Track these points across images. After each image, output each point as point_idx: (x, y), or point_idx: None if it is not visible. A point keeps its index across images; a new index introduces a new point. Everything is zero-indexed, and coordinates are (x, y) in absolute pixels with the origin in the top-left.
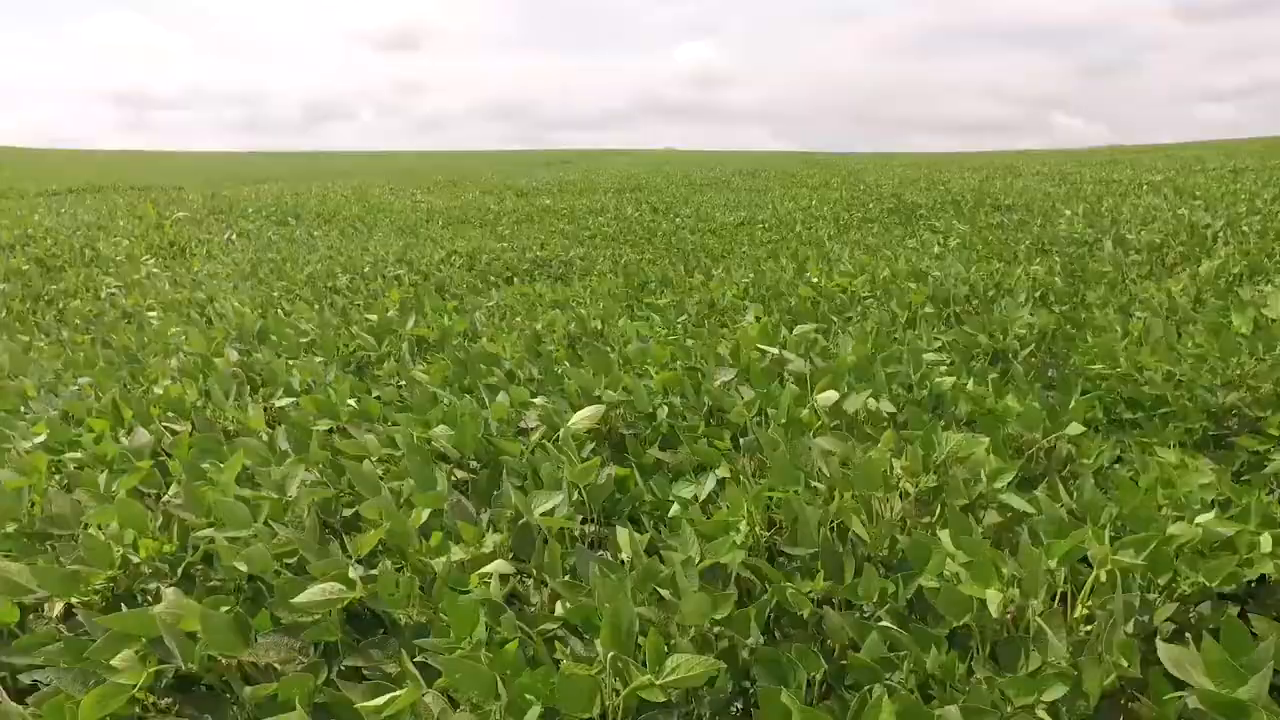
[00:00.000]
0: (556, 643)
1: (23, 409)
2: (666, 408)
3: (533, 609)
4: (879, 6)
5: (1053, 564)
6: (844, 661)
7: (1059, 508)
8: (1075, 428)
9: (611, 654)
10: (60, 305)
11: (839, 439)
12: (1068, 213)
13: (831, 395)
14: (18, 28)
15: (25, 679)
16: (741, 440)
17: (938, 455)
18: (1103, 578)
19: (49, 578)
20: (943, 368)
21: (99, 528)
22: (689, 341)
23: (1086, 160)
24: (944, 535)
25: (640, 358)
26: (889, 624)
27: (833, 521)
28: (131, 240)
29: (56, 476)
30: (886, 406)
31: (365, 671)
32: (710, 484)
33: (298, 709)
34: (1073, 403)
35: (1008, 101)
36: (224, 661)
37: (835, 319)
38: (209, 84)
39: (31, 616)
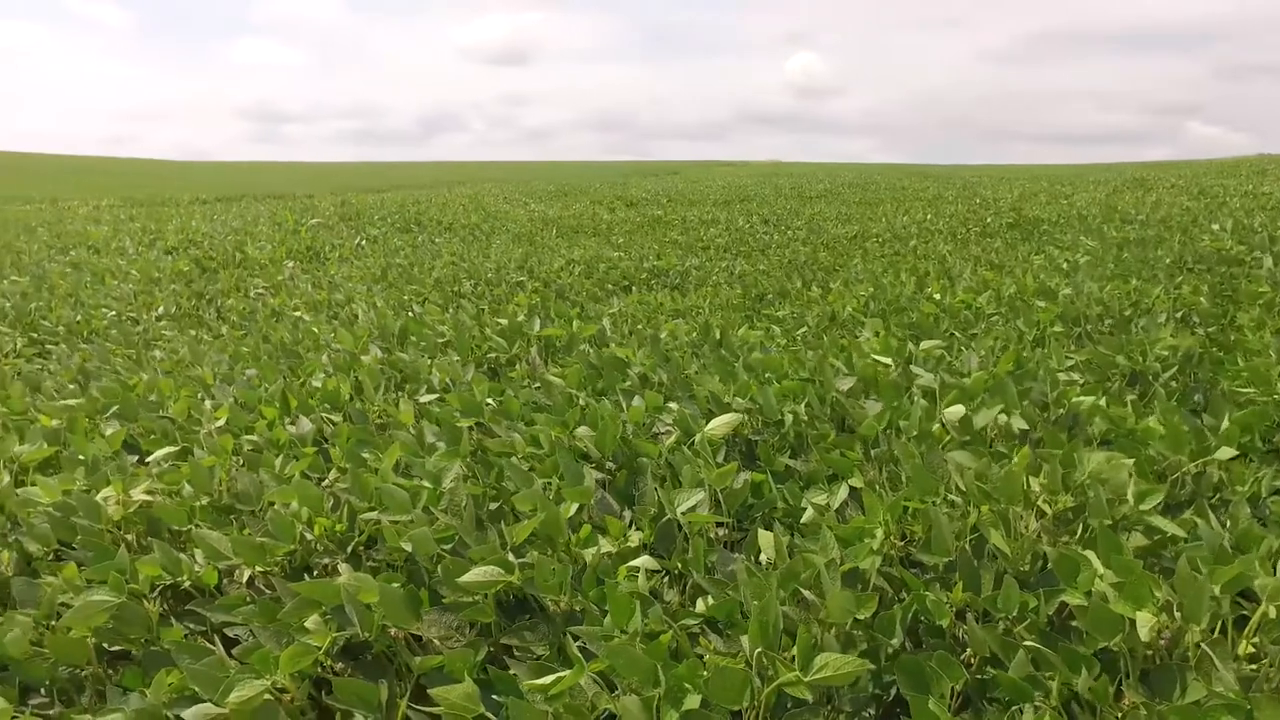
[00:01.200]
0: (700, 638)
1: (200, 395)
2: (791, 415)
3: (669, 604)
4: (983, 14)
5: (1215, 590)
6: (982, 674)
7: (1222, 534)
8: (1226, 452)
9: (758, 650)
10: (218, 303)
11: (974, 454)
12: (1215, 227)
13: (959, 410)
14: (174, 55)
15: (228, 633)
16: (872, 451)
17: (1078, 474)
18: (1272, 613)
19: (243, 547)
20: (1077, 387)
21: (282, 505)
22: (809, 353)
23: (1230, 171)
24: (1089, 554)
25: (763, 366)
26: (1032, 640)
27: (969, 535)
28: (273, 245)
29: (235, 458)
30: (1019, 423)
31: (516, 652)
32: (843, 493)
33: (466, 680)
34: (1224, 426)
35: (1131, 109)
36: (393, 632)
37: (959, 335)
38: (330, 99)
39: (226, 581)
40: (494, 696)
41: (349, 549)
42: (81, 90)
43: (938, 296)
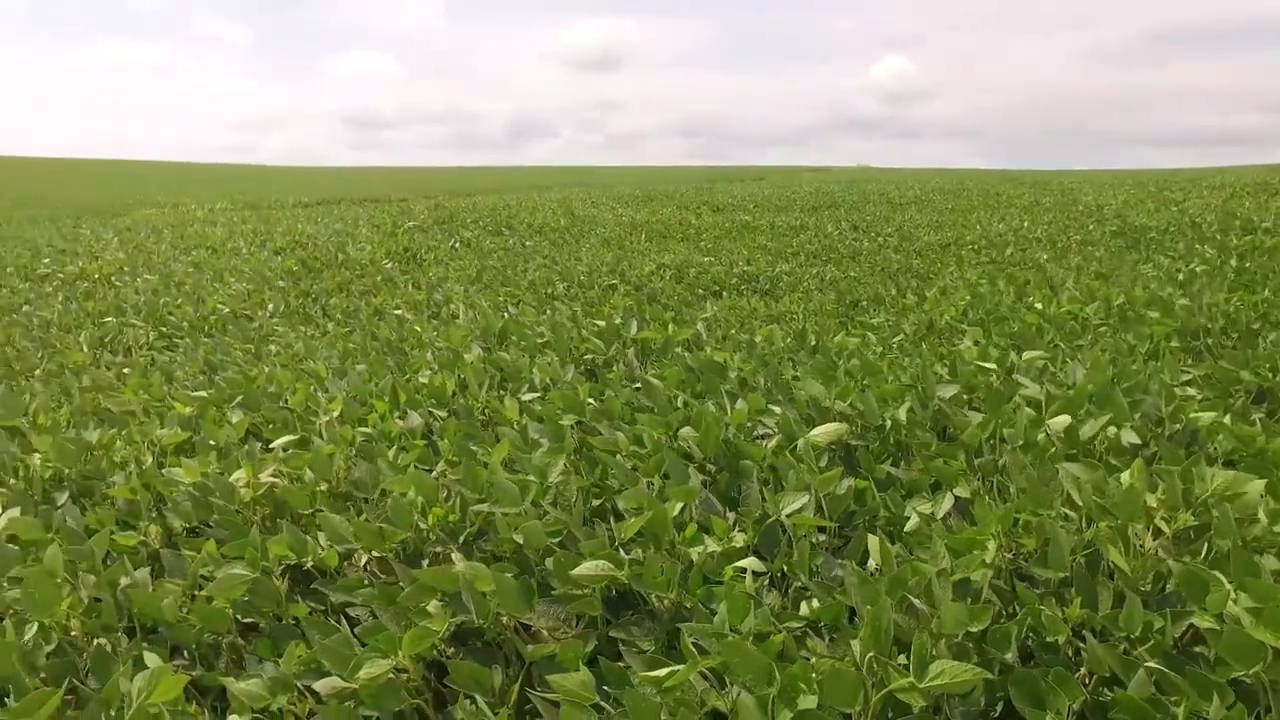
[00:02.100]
0: (806, 641)
1: (314, 388)
2: (890, 421)
3: (771, 606)
4: (1093, 11)
5: None
6: (1098, 694)
7: None
8: None
9: (870, 654)
10: (324, 302)
11: (1089, 466)
12: None
13: (1065, 420)
14: (285, 68)
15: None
16: (976, 460)
17: (1201, 492)
18: None
19: (364, 532)
20: (1195, 402)
21: (399, 495)
22: (906, 360)
23: None
24: (1218, 575)
25: (860, 373)
26: (1155, 662)
27: (1084, 550)
28: (373, 246)
29: (350, 448)
30: (1130, 437)
31: (621, 646)
32: (948, 502)
33: (581, 669)
34: None
35: (1251, 109)
36: (505, 621)
37: (1063, 346)
38: (425, 106)
39: (345, 563)
40: (604, 688)
41: (460, 539)
42: (203, 102)
43: (1039, 306)
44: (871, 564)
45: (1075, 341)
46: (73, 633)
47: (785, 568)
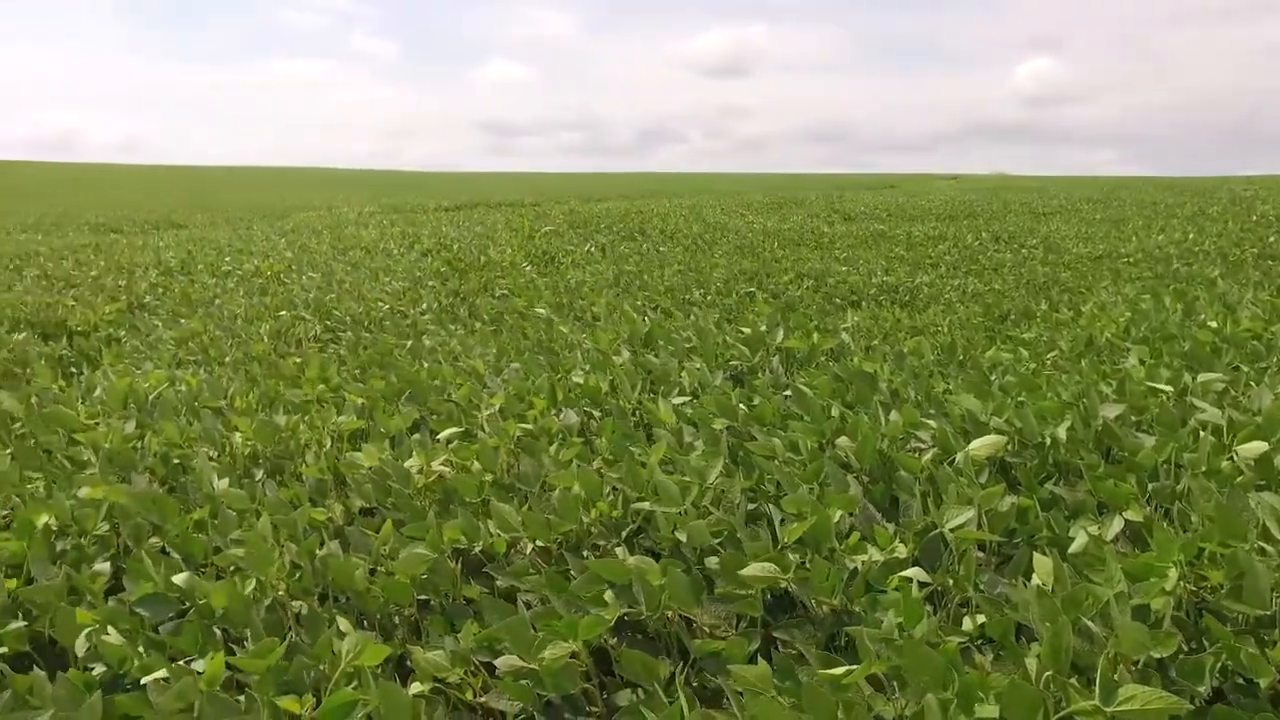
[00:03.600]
0: (974, 654)
1: (473, 384)
2: (1050, 439)
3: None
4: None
5: None
6: None
7: None
8: None
9: (1047, 673)
10: (470, 301)
11: None
12: None
13: (1259, 447)
14: (428, 78)
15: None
16: (1150, 484)
17: None
18: None
19: (531, 522)
20: None
21: (563, 489)
22: (1063, 376)
23: None
24: None
25: (1016, 388)
26: None
27: None
28: (512, 249)
29: (510, 443)
30: None
31: (780, 647)
32: (1117, 525)
33: (759, 661)
34: None
35: None
36: (671, 615)
37: (1246, 369)
38: (557, 113)
39: (511, 550)
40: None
41: (622, 534)
42: (352, 112)
43: (1213, 324)
44: (1035, 582)
45: (1260, 364)
46: (279, 593)
47: (951, 581)
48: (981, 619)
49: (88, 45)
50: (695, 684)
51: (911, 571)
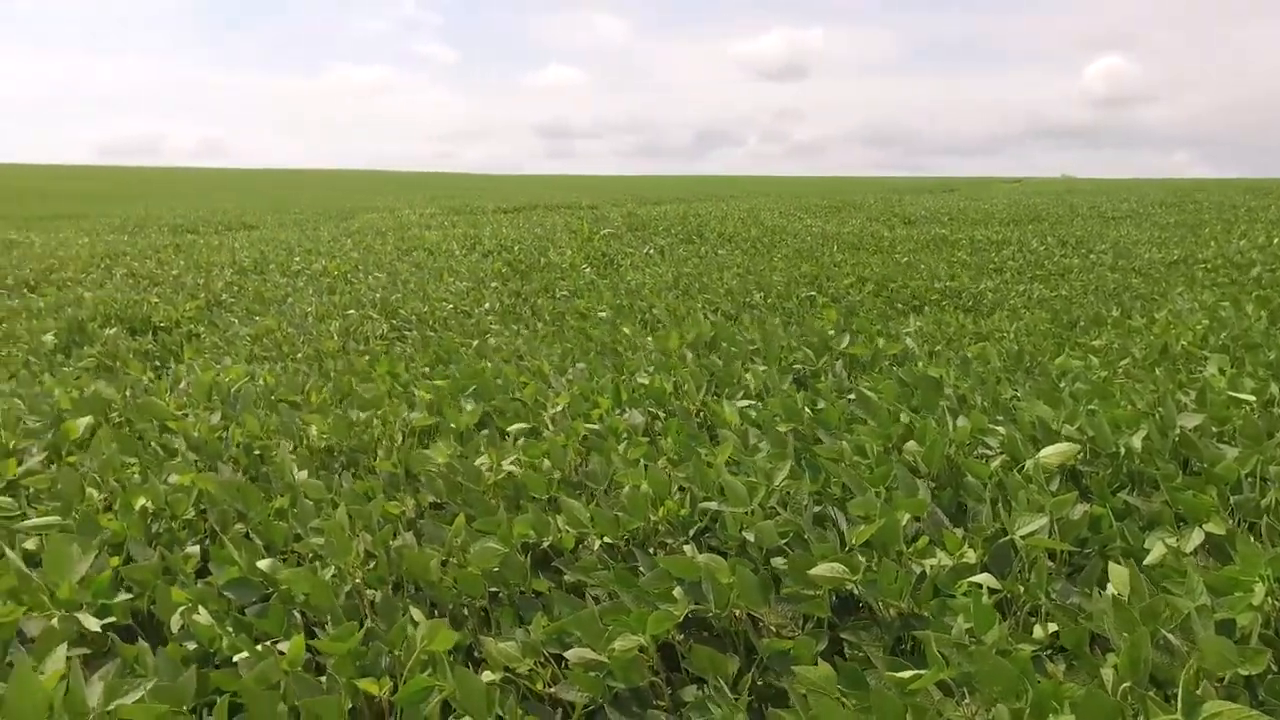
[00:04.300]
0: (1047, 663)
1: (538, 383)
2: (1124, 448)
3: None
4: None
5: None
6: None
7: None
8: None
9: (1125, 684)
10: (532, 302)
11: None
12: None
13: None
14: (487, 83)
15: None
16: (1233, 497)
17: None
18: None
19: (600, 518)
20: None
21: (632, 486)
22: (1137, 385)
23: None
24: None
25: (1087, 396)
26: None
27: None
28: (572, 251)
29: (577, 441)
30: None
31: (846, 648)
32: (1197, 537)
33: (820, 662)
34: None
35: None
36: (738, 613)
37: None
38: (614, 116)
39: (579, 546)
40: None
41: (690, 533)
42: (412, 116)
43: None
44: (1111, 592)
45: None
46: (357, 580)
47: (1022, 588)
48: (1054, 627)
49: (170, 55)
50: (760, 683)
51: (981, 577)
